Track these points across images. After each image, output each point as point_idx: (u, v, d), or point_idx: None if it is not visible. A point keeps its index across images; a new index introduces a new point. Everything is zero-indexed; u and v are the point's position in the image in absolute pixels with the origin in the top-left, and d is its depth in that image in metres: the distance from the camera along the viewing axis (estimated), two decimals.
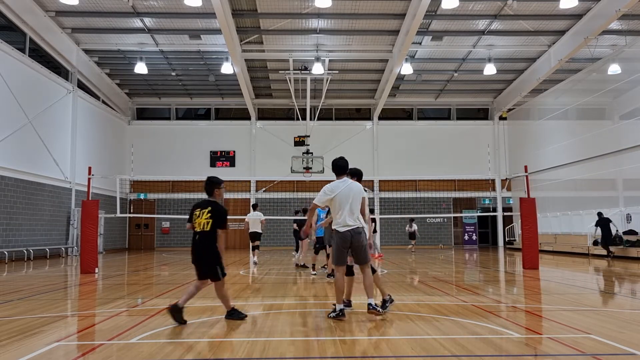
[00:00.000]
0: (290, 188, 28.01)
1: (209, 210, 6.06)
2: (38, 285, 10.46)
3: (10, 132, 17.83)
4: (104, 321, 6.20)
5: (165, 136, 28.70)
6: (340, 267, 6.27)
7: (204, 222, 6.04)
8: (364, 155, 28.80)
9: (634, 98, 19.13)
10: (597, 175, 21.19)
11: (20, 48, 18.79)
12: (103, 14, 19.22)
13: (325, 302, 7.69)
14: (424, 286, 9.71)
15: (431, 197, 27.91)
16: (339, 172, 6.43)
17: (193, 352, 4.69)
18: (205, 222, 6.03)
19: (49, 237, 20.35)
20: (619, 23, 19.38)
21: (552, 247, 22.31)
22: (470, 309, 6.93)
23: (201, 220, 6.06)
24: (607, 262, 16.05)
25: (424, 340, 5.11)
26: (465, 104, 30.17)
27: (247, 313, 6.39)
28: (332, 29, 20.66)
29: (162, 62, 23.99)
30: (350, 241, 6.16)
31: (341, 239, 6.18)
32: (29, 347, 4.85)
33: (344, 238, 6.17)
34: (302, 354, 4.62)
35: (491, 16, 19.53)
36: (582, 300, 7.86)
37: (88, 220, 13.36)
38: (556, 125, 24.47)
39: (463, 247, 28.01)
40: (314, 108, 27.76)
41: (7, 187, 17.73)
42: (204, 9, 18.35)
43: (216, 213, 6.06)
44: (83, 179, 19.20)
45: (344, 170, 6.46)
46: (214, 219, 6.03)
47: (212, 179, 6.37)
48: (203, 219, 6.05)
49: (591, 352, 4.50)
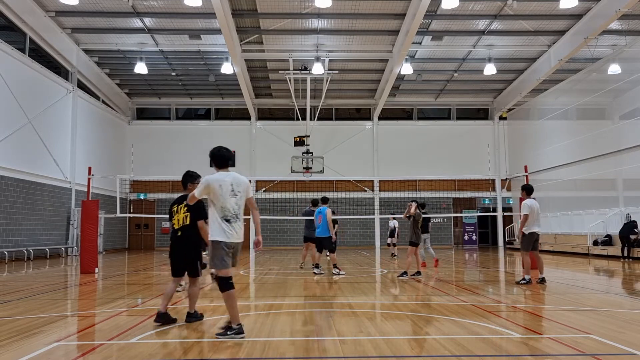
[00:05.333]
0: (290, 188, 28.01)
1: (185, 204, 5.88)
2: (38, 285, 10.46)
3: (10, 132, 17.83)
4: (104, 321, 6.20)
5: (165, 136, 28.70)
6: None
7: (182, 217, 5.93)
8: (364, 155, 28.84)
9: (634, 98, 19.13)
10: (597, 175, 21.18)
11: (20, 48, 18.79)
12: (103, 14, 19.22)
13: (325, 302, 7.69)
14: (424, 286, 9.71)
15: (431, 197, 27.90)
16: (222, 164, 5.48)
17: (193, 352, 4.69)
18: (184, 216, 5.92)
19: (49, 237, 20.34)
20: (619, 23, 19.38)
21: (552, 247, 22.31)
22: (470, 309, 6.93)
23: (179, 215, 5.96)
24: (621, 262, 16.03)
25: (424, 340, 5.11)
26: (465, 104, 30.17)
27: (248, 313, 6.39)
28: (332, 29, 20.65)
29: (162, 62, 23.99)
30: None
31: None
32: (29, 347, 4.85)
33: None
34: (302, 354, 4.62)
35: (491, 16, 19.53)
36: (582, 300, 7.86)
37: (88, 220, 13.37)
38: (556, 125, 24.47)
39: (463, 247, 28.00)
40: (314, 108, 27.76)
41: (7, 187, 17.73)
42: (204, 9, 18.35)
43: (192, 205, 5.79)
44: (83, 179, 19.20)
45: (227, 161, 5.50)
46: (191, 212, 5.88)
47: (189, 172, 6.22)
48: (181, 214, 5.94)
49: (591, 352, 4.50)
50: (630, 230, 17.19)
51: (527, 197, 10.27)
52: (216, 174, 5.39)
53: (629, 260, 16.78)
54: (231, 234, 5.26)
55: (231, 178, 5.37)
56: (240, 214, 5.38)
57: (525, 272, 10.05)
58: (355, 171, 27.74)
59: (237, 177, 5.44)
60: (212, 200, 5.29)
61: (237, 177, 5.43)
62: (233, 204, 5.30)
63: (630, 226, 17.30)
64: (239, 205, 5.36)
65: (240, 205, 5.41)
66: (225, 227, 5.25)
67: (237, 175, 5.45)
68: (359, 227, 28.63)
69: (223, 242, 5.23)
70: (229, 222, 5.26)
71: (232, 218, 5.28)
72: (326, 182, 27.60)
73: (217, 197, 5.25)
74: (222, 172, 5.42)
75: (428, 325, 5.83)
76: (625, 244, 17.18)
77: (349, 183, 28.45)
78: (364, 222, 28.43)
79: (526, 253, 10.07)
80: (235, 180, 5.38)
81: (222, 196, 5.25)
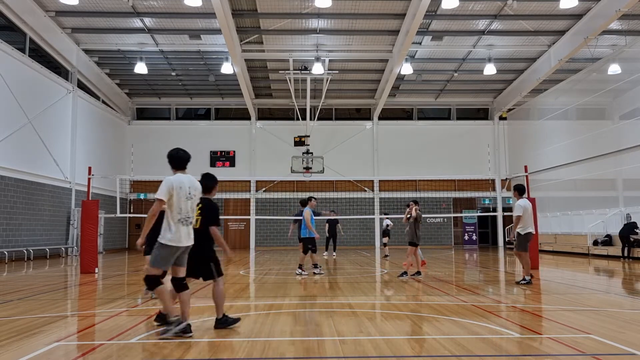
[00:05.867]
0: (290, 188, 28.01)
1: (200, 207, 5.71)
2: (38, 285, 10.46)
3: (10, 132, 17.83)
4: (104, 321, 6.20)
5: (165, 136, 28.66)
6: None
7: (196, 220, 5.77)
8: (364, 155, 28.84)
9: (634, 98, 19.14)
10: (597, 175, 21.19)
11: (20, 48, 18.79)
12: (103, 14, 19.21)
13: (325, 302, 7.69)
14: (424, 286, 9.71)
15: (431, 197, 27.91)
16: (180, 165, 5.45)
17: (193, 352, 4.69)
18: (196, 219, 5.77)
19: (49, 237, 20.34)
20: (619, 23, 19.37)
21: (552, 247, 22.32)
22: (470, 309, 6.93)
23: (196, 217, 5.80)
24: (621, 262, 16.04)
25: (424, 340, 5.11)
26: (465, 104, 30.17)
27: (248, 313, 6.39)
28: (332, 29, 20.65)
29: (162, 62, 23.99)
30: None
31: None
32: (29, 347, 4.85)
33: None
34: (302, 354, 4.62)
35: (491, 16, 19.53)
36: (582, 300, 7.86)
37: (88, 220, 13.37)
38: (556, 125, 24.48)
39: (463, 247, 28.00)
40: (314, 108, 27.76)
41: (7, 187, 17.73)
42: (204, 9, 18.35)
43: (207, 209, 5.75)
44: (83, 179, 19.20)
45: (185, 163, 5.50)
46: (203, 216, 5.72)
47: (213, 175, 6.09)
48: (196, 217, 5.78)
49: (591, 352, 4.50)
50: (631, 231, 17.21)
51: (520, 197, 10.27)
52: (175, 175, 5.37)
53: (629, 260, 16.79)
54: (182, 237, 5.24)
55: (189, 181, 5.39)
56: (192, 218, 5.40)
57: (525, 272, 10.05)
58: (355, 171, 27.74)
59: (194, 180, 5.49)
60: (170, 202, 5.24)
61: (193, 181, 5.47)
62: (188, 207, 5.31)
63: (631, 226, 17.32)
64: (192, 209, 5.39)
65: (194, 209, 5.44)
66: (182, 230, 5.23)
67: (193, 179, 5.49)
68: (359, 227, 28.62)
69: (172, 246, 5.20)
70: (182, 225, 5.25)
71: (185, 221, 5.28)
72: (326, 182, 27.60)
73: (177, 198, 5.22)
74: (179, 173, 5.40)
75: (428, 325, 5.83)
76: (626, 244, 17.19)
77: (349, 183, 28.45)
78: (364, 222, 28.43)
79: (525, 254, 10.07)
80: (192, 183, 5.41)
81: (180, 198, 5.23)
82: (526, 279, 9.85)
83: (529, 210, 10.11)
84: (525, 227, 10.02)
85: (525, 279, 9.88)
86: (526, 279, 9.85)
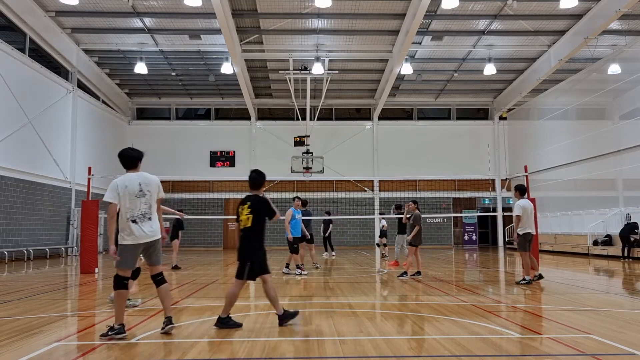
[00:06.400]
0: (290, 188, 28.00)
1: (248, 206, 5.82)
2: (38, 285, 10.46)
3: (10, 132, 17.83)
4: (104, 321, 6.19)
5: (165, 136, 28.68)
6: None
7: (245, 218, 5.83)
8: (363, 155, 28.84)
9: (634, 98, 19.14)
10: (597, 175, 21.19)
11: (20, 48, 18.79)
12: (103, 14, 19.22)
13: (325, 302, 7.69)
14: (424, 286, 9.71)
15: (431, 197, 27.91)
16: (130, 165, 5.53)
17: (193, 352, 4.69)
18: (246, 217, 5.82)
19: (49, 237, 20.34)
20: (619, 23, 19.38)
21: (552, 247, 22.32)
22: (470, 309, 6.93)
23: (242, 216, 5.87)
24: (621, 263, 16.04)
25: (424, 340, 5.11)
26: (465, 104, 30.17)
27: (248, 313, 6.39)
28: (332, 29, 20.65)
29: (162, 62, 23.99)
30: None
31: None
32: (29, 347, 4.85)
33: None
34: (302, 354, 4.62)
35: (491, 16, 19.53)
36: (582, 300, 7.86)
37: (88, 220, 13.39)
38: (556, 125, 24.47)
39: (463, 247, 28.01)
40: (314, 108, 27.76)
41: (7, 187, 17.73)
42: (204, 9, 18.35)
43: (256, 206, 5.82)
44: (83, 179, 19.21)
45: (135, 161, 5.56)
46: (254, 213, 5.79)
47: (261, 172, 6.09)
48: (244, 216, 5.85)
49: (591, 352, 4.50)
50: (631, 231, 17.22)
51: (521, 197, 10.28)
52: (123, 175, 5.45)
53: (629, 260, 16.79)
54: (140, 235, 5.29)
55: (140, 178, 5.44)
56: (150, 213, 5.43)
57: (525, 272, 10.05)
58: (355, 171, 27.74)
59: (147, 176, 5.52)
60: (120, 202, 5.30)
61: (146, 177, 5.50)
62: (141, 204, 5.34)
63: (631, 227, 17.33)
64: (148, 205, 5.42)
65: (151, 204, 5.46)
66: (134, 228, 5.28)
67: (146, 175, 5.52)
68: (358, 227, 28.62)
69: (129, 245, 5.28)
70: (135, 223, 5.29)
71: (139, 218, 5.31)
72: (326, 182, 27.61)
73: (124, 198, 5.28)
74: (131, 172, 5.48)
75: (428, 325, 5.83)
76: (626, 244, 17.20)
77: (349, 183, 28.45)
78: (363, 222, 28.43)
79: (525, 253, 10.07)
80: (144, 180, 5.45)
81: (128, 197, 5.29)
82: (526, 279, 9.85)
83: (529, 210, 10.11)
84: (524, 227, 10.02)
85: (525, 279, 9.88)
86: (526, 279, 9.85)
